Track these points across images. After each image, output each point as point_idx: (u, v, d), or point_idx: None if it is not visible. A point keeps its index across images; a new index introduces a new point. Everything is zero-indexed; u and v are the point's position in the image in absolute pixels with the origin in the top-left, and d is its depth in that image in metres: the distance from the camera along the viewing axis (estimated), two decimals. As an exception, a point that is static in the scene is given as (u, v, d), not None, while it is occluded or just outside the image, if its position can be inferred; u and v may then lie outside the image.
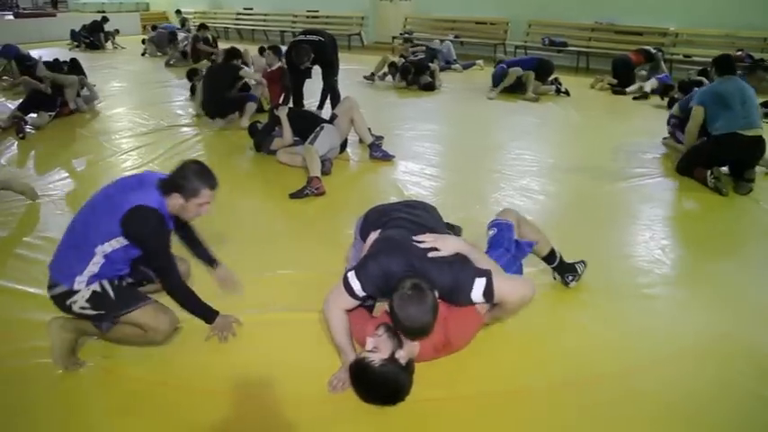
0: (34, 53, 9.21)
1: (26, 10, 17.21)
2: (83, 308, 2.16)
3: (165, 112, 6.88)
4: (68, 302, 2.15)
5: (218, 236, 3.26)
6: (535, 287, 2.20)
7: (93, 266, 2.13)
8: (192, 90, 7.37)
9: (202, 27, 11.05)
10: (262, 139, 5.11)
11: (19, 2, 20.15)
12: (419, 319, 1.93)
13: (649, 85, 7.90)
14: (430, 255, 2.13)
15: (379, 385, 1.96)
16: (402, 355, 2.00)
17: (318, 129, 4.66)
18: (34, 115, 6.18)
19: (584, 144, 5.70)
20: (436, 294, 2.02)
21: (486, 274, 2.07)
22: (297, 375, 2.25)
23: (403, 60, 8.71)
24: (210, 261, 2.63)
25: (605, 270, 3.08)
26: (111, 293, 2.18)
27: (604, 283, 2.97)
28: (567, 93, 7.88)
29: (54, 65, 7.39)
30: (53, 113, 6.33)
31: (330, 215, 3.93)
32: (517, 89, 7.85)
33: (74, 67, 7.61)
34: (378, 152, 5.00)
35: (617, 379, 2.24)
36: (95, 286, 2.15)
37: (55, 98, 6.41)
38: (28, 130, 5.89)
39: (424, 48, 9.62)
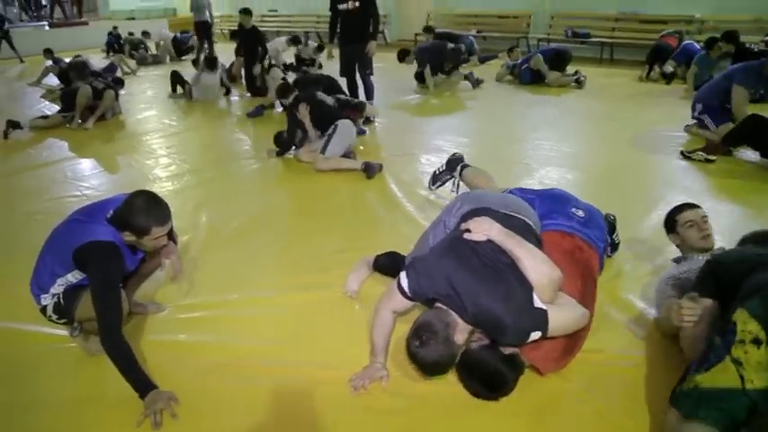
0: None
1: (59, 20, 17.78)
2: (57, 319, 2.30)
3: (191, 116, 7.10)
4: (48, 316, 2.30)
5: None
6: (589, 315, 2.13)
7: (58, 287, 2.23)
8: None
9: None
10: (288, 147, 5.11)
11: (52, 12, 20.78)
12: (433, 368, 1.98)
13: (671, 65, 7.95)
14: (465, 236, 2.09)
15: (475, 369, 2.01)
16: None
17: (332, 129, 4.71)
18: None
19: (605, 133, 5.69)
20: (454, 336, 1.95)
21: (542, 325, 1.89)
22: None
23: None
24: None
25: (614, 260, 3.09)
26: (62, 300, 2.25)
27: (609, 271, 2.97)
28: (580, 82, 7.86)
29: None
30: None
31: (348, 210, 4.06)
32: (536, 80, 7.88)
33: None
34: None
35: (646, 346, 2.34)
36: (56, 298, 2.26)
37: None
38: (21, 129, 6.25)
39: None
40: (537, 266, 1.97)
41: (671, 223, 2.65)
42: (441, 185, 3.51)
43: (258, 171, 4.88)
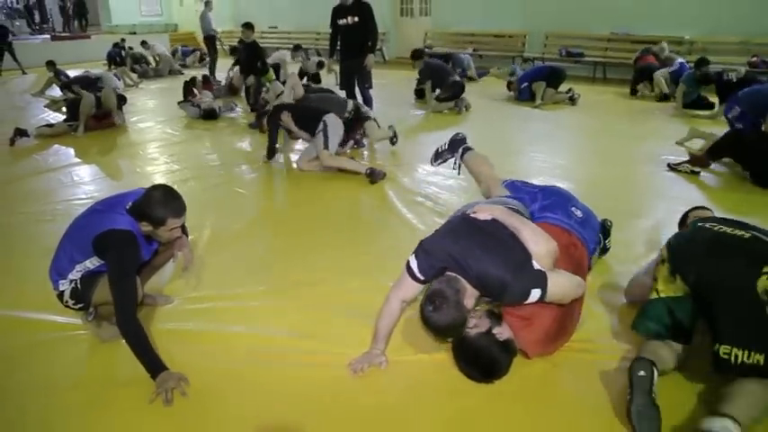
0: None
1: (62, 33, 18.04)
2: (73, 304, 2.41)
3: (192, 125, 7.25)
4: (64, 302, 2.42)
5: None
6: (585, 286, 2.32)
7: (76, 273, 2.36)
8: None
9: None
10: (273, 153, 5.28)
11: (54, 25, 21.10)
12: (445, 330, 2.13)
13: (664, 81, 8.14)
14: (476, 216, 2.30)
15: (472, 355, 2.15)
16: (499, 332, 2.17)
17: (322, 126, 4.85)
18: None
19: (597, 147, 5.88)
20: (464, 300, 2.09)
21: (542, 284, 2.08)
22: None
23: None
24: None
25: (603, 260, 3.21)
26: (79, 286, 2.37)
27: (598, 270, 3.12)
28: (574, 99, 8.05)
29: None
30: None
31: (348, 214, 4.21)
32: (530, 98, 8.09)
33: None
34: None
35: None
36: (74, 284, 2.37)
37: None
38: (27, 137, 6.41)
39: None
40: (535, 238, 2.19)
41: (684, 219, 2.85)
42: (442, 162, 3.59)
43: (259, 178, 5.03)
